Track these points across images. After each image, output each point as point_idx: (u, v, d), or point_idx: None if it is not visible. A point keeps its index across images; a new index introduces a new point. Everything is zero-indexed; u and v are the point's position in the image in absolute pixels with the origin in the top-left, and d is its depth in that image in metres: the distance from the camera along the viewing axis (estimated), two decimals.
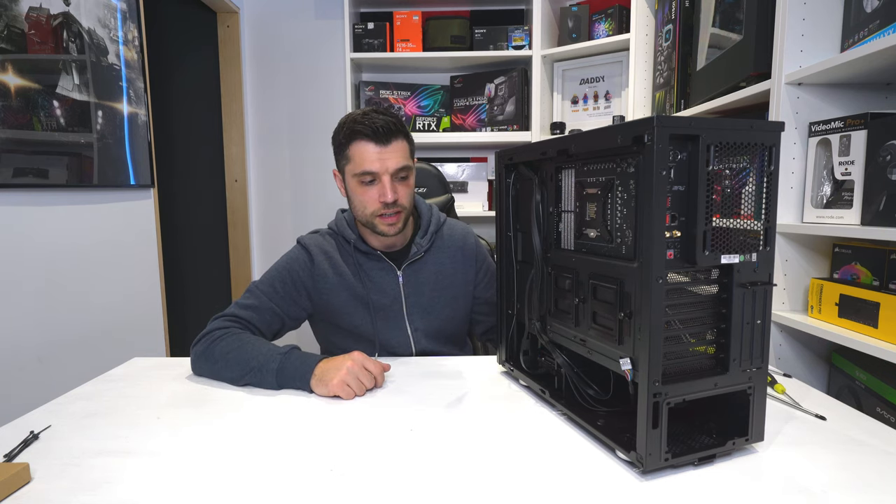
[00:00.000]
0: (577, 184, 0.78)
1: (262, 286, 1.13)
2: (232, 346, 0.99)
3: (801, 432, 0.76)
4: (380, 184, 1.06)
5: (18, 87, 1.36)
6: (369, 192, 1.08)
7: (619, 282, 0.68)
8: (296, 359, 0.95)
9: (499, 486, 0.63)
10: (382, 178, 1.06)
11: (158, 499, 0.61)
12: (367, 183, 1.08)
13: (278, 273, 1.14)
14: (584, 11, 2.32)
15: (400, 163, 1.07)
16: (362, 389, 0.91)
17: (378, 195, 1.07)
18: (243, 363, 0.96)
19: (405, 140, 1.10)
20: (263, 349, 0.97)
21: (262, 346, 0.99)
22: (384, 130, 1.04)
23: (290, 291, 1.13)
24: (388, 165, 1.06)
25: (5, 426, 0.79)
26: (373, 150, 1.05)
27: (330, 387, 0.90)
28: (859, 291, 1.07)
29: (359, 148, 1.06)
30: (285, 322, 1.14)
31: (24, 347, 1.41)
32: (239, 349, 0.98)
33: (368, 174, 1.06)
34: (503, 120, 2.49)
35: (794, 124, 1.22)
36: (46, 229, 1.49)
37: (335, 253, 1.17)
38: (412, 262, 1.18)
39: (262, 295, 1.11)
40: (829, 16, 1.18)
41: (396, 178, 1.08)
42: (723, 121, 0.64)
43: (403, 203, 1.09)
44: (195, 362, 1.02)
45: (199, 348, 1.01)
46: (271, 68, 2.77)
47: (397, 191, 1.07)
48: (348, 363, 0.92)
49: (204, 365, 1.00)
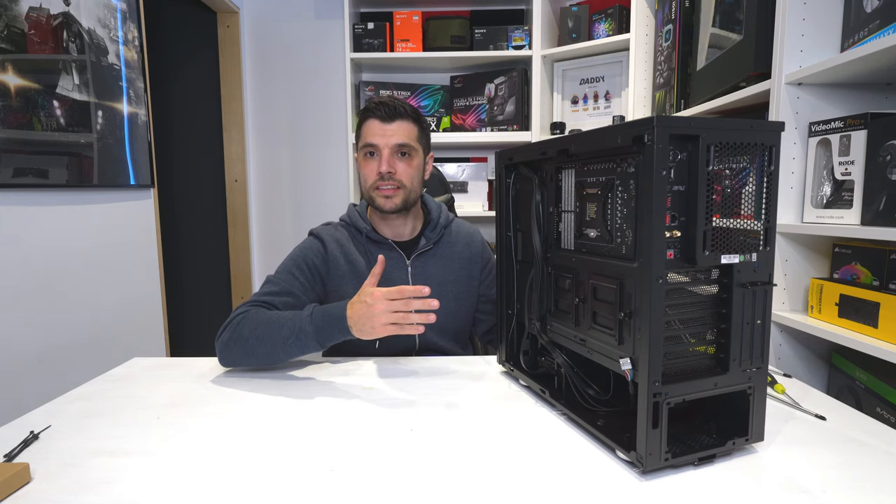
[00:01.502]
0: (577, 184, 0.78)
1: (279, 275, 1.14)
2: (258, 322, 0.99)
3: (801, 432, 0.76)
4: (379, 157, 1.13)
5: (18, 87, 1.36)
6: (370, 165, 1.14)
7: (619, 282, 0.68)
8: (325, 314, 0.96)
9: (499, 486, 0.63)
10: (383, 151, 1.12)
11: (158, 499, 0.61)
12: (369, 156, 1.15)
13: (294, 261, 1.16)
14: (584, 11, 2.32)
15: (401, 139, 1.13)
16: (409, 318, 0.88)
17: (377, 167, 1.12)
18: (275, 334, 0.97)
19: (413, 123, 1.15)
20: (289, 317, 0.99)
21: (284, 315, 1.00)
22: (390, 110, 1.12)
23: (308, 277, 1.15)
24: (389, 140, 1.12)
25: (5, 426, 0.79)
26: (377, 125, 1.13)
27: (377, 331, 0.90)
28: (859, 291, 1.07)
29: (367, 125, 1.14)
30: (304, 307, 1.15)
31: (24, 348, 1.41)
32: (266, 323, 0.99)
33: (370, 146, 1.13)
34: (503, 120, 2.49)
35: (794, 124, 1.22)
36: (46, 229, 1.49)
37: (348, 243, 1.20)
38: (421, 254, 1.21)
39: (282, 282, 1.12)
40: (829, 16, 1.18)
41: (396, 154, 1.13)
42: (723, 121, 0.64)
43: (402, 179, 1.13)
44: (223, 351, 1.01)
45: (225, 336, 1.01)
46: (271, 68, 2.77)
47: (395, 165, 1.13)
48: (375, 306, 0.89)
49: (234, 348, 1.00)
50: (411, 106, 1.15)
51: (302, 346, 0.97)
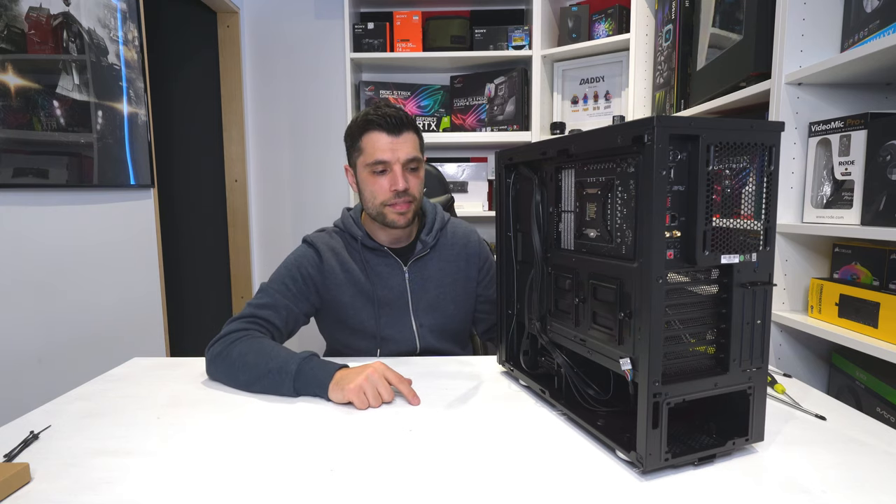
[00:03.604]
0: (577, 184, 0.78)
1: (273, 285, 1.13)
2: (251, 349, 0.96)
3: (801, 432, 0.76)
4: (391, 173, 1.09)
5: (18, 87, 1.36)
6: (380, 182, 1.10)
7: (619, 282, 0.68)
8: (315, 365, 0.91)
9: (499, 487, 0.63)
10: (394, 167, 1.08)
11: (158, 499, 0.61)
12: (378, 173, 1.10)
13: (287, 271, 1.14)
14: (584, 11, 2.32)
15: (411, 153, 1.10)
16: (378, 400, 0.86)
17: (389, 184, 1.09)
18: (261, 365, 0.92)
19: (415, 133, 1.13)
20: (282, 353, 0.94)
21: (280, 349, 0.96)
22: (396, 121, 1.07)
23: (301, 287, 1.13)
24: (400, 155, 1.08)
25: (5, 426, 0.79)
26: (385, 139, 1.08)
27: (346, 391, 0.86)
28: (859, 291, 1.07)
29: (371, 138, 1.09)
30: (299, 319, 1.15)
31: (24, 348, 1.41)
32: (258, 352, 0.95)
33: (380, 163, 1.08)
34: (503, 120, 2.49)
35: (794, 124, 1.22)
36: (46, 229, 1.49)
37: (342, 250, 1.18)
38: (418, 259, 1.19)
39: (276, 293, 1.11)
40: (829, 16, 1.18)
41: (407, 169, 1.10)
42: (723, 121, 0.64)
43: (414, 193, 1.11)
44: (210, 364, 0.99)
45: (216, 349, 0.98)
46: (271, 68, 2.77)
47: (408, 180, 1.09)
48: (368, 370, 0.88)
49: (220, 366, 0.97)
50: (406, 112, 1.11)
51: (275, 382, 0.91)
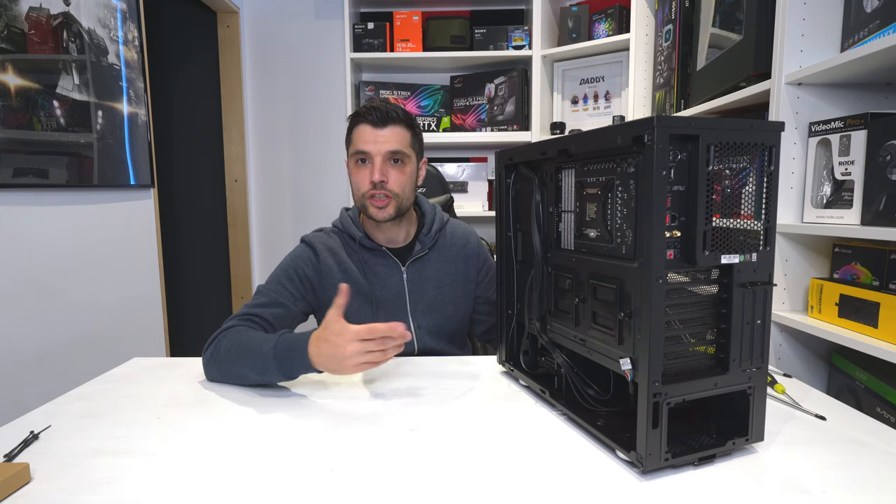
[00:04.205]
0: (577, 184, 0.78)
1: (270, 285, 1.13)
2: (234, 342, 0.95)
3: (801, 432, 0.76)
4: (371, 164, 1.09)
5: (18, 87, 1.36)
6: (362, 173, 1.11)
7: (619, 282, 0.68)
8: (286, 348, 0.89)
9: (499, 486, 0.63)
10: (375, 159, 1.09)
11: (158, 499, 0.61)
12: (360, 163, 1.11)
13: (284, 271, 1.14)
14: (584, 11, 2.32)
15: (394, 146, 1.09)
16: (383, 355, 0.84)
17: (369, 175, 1.09)
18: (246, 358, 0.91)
19: (406, 129, 1.11)
20: (257, 342, 0.92)
21: (254, 340, 0.93)
22: (381, 115, 1.08)
23: (298, 287, 1.14)
24: (381, 147, 1.08)
25: (5, 426, 0.79)
26: (369, 131, 1.09)
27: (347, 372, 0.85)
28: (859, 291, 1.07)
29: (357, 130, 1.11)
30: (297, 317, 1.15)
31: (24, 347, 1.41)
32: (240, 344, 0.94)
33: (361, 153, 1.10)
34: (503, 120, 2.49)
35: (794, 124, 1.22)
36: (46, 229, 1.49)
37: (340, 250, 1.17)
38: (416, 260, 1.19)
39: (272, 293, 1.11)
40: (829, 16, 1.18)
41: (389, 162, 1.10)
42: (723, 121, 0.64)
43: (394, 188, 1.10)
44: (206, 367, 0.98)
45: (209, 352, 0.99)
46: (271, 68, 2.77)
47: (387, 173, 1.09)
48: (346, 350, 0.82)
49: (213, 367, 0.97)
50: (404, 110, 1.11)
51: (270, 378, 0.91)
